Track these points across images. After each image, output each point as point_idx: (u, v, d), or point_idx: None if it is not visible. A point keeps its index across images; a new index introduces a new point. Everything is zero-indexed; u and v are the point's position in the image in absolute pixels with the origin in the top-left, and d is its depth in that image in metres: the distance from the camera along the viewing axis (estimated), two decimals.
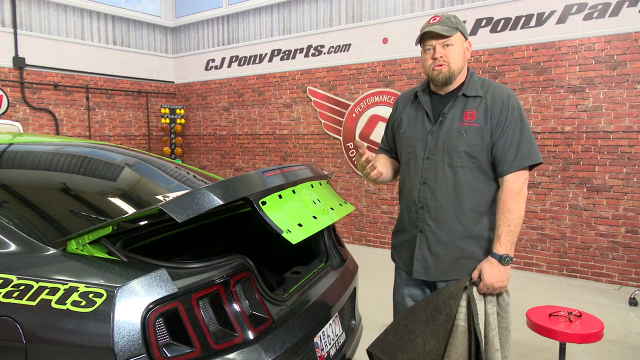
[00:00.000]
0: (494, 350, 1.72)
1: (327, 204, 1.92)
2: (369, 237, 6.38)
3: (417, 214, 1.91)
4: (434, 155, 1.87)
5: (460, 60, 1.85)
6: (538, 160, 1.80)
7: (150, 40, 8.12)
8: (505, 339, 1.79)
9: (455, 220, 1.84)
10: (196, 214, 1.36)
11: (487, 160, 1.83)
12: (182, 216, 1.33)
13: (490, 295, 1.78)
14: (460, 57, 1.84)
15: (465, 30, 1.88)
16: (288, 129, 7.08)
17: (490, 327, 1.74)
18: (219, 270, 1.50)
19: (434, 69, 1.84)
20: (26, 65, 6.43)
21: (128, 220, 1.66)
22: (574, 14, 4.78)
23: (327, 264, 2.21)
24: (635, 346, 3.37)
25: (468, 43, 1.89)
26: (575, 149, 4.84)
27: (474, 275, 1.80)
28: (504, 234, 1.75)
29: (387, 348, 1.90)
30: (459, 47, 1.84)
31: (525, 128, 1.80)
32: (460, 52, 1.84)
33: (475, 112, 1.82)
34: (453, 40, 1.81)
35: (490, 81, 1.91)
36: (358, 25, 6.28)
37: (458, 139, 1.82)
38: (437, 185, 1.86)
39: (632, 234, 4.59)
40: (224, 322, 1.45)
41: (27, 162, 2.24)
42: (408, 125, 1.98)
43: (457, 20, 1.85)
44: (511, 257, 1.76)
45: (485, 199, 1.85)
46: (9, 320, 1.33)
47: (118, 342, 1.23)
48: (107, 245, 1.49)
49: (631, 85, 4.53)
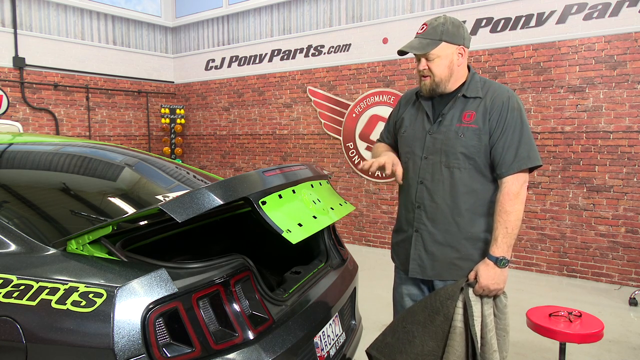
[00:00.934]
0: (492, 351, 1.72)
1: (327, 203, 1.92)
2: (369, 237, 6.38)
3: (413, 213, 1.92)
4: (432, 156, 1.87)
5: (446, 71, 1.82)
6: (537, 162, 1.79)
7: (150, 40, 8.12)
8: (503, 340, 1.79)
9: (452, 221, 1.84)
10: (196, 213, 1.36)
11: (484, 162, 1.82)
12: (182, 216, 1.33)
13: (487, 297, 1.78)
14: (445, 68, 1.82)
15: (455, 35, 1.81)
16: (288, 129, 7.08)
17: (487, 328, 1.74)
18: (219, 270, 1.50)
19: (421, 79, 1.87)
20: (26, 65, 6.43)
21: (128, 220, 1.66)
22: (574, 14, 4.78)
23: (327, 264, 2.21)
24: (635, 346, 3.37)
25: (461, 48, 1.83)
26: (575, 149, 4.84)
27: (470, 276, 1.80)
28: (501, 236, 1.74)
29: (385, 349, 1.90)
30: (445, 57, 1.80)
31: (525, 130, 1.79)
32: (446, 62, 1.81)
33: (474, 113, 1.81)
34: (434, 54, 1.79)
35: (491, 82, 1.90)
36: (358, 25, 6.28)
37: (455, 139, 1.81)
38: (434, 185, 1.86)
39: (632, 234, 4.59)
40: (224, 322, 1.45)
41: (27, 162, 2.24)
42: (409, 124, 1.98)
43: (445, 29, 1.79)
44: (508, 259, 1.75)
45: (482, 200, 1.84)
46: (9, 320, 1.33)
47: (118, 342, 1.23)
48: (107, 245, 1.49)
49: (631, 85, 4.53)
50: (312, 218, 1.71)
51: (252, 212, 1.56)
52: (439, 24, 1.80)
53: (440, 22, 1.80)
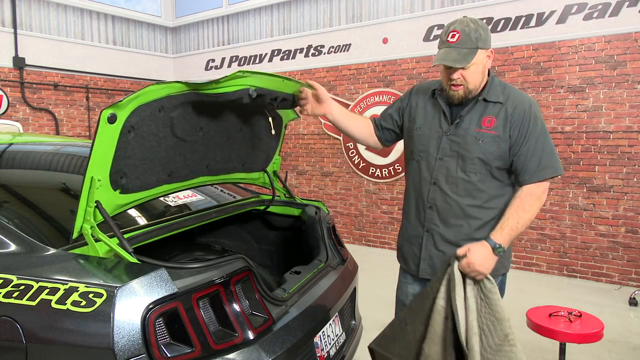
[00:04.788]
0: (472, 334, 1.65)
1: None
2: (369, 237, 6.37)
3: (425, 213, 1.89)
4: (448, 158, 1.84)
5: (479, 78, 1.76)
6: (560, 172, 1.78)
7: (150, 40, 8.12)
8: (493, 326, 1.70)
9: (464, 223, 1.83)
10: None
11: (501, 168, 1.80)
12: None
13: (470, 277, 1.70)
14: (479, 75, 1.76)
15: (487, 40, 1.74)
16: (288, 129, 7.08)
17: (469, 309, 1.67)
18: (219, 270, 1.50)
19: (450, 88, 1.78)
20: (26, 65, 6.43)
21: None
22: (574, 14, 4.78)
23: (327, 264, 2.21)
24: (635, 346, 3.37)
25: (490, 51, 1.78)
26: (575, 149, 4.84)
27: (460, 251, 1.72)
28: (509, 227, 1.71)
29: (382, 341, 1.90)
30: (479, 64, 1.73)
31: (547, 139, 1.78)
32: (480, 69, 1.74)
33: (494, 119, 1.78)
34: (472, 62, 1.71)
35: (511, 87, 1.85)
36: (358, 25, 6.28)
37: (474, 144, 1.78)
38: (448, 187, 1.84)
39: (632, 234, 4.59)
40: (224, 322, 1.45)
41: (27, 162, 2.24)
42: (423, 122, 1.93)
43: (478, 35, 1.70)
44: (504, 249, 1.71)
45: (494, 205, 1.83)
46: (9, 320, 1.33)
47: (118, 342, 1.23)
48: (115, 232, 1.49)
49: (631, 85, 4.53)
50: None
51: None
52: (471, 30, 1.70)
53: (472, 28, 1.70)
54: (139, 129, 1.59)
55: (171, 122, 1.71)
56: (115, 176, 1.57)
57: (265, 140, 2.37)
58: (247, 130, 2.18)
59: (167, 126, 1.71)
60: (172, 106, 1.68)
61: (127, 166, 1.60)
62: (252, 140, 2.27)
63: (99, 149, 1.47)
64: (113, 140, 1.51)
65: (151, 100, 1.58)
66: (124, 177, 1.60)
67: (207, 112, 1.87)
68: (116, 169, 1.56)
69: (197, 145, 1.91)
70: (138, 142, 1.60)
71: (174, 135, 1.76)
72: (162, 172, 1.78)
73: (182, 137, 1.80)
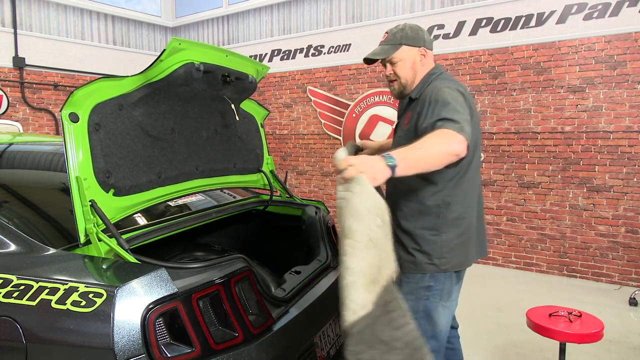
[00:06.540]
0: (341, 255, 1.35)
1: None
2: None
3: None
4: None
5: (410, 72, 1.90)
6: (453, 116, 1.58)
7: (150, 40, 8.12)
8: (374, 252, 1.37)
9: (395, 218, 1.83)
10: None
11: None
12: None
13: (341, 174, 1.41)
14: (409, 69, 1.90)
15: (415, 38, 1.88)
16: (288, 129, 7.08)
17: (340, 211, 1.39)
18: (219, 270, 1.50)
19: (389, 84, 1.99)
20: (26, 65, 6.43)
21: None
22: (574, 14, 4.78)
23: (327, 264, 2.21)
24: (635, 346, 3.37)
25: (423, 50, 1.90)
26: (575, 149, 4.84)
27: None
28: (410, 147, 1.50)
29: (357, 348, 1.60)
30: (407, 60, 1.89)
31: (443, 102, 1.64)
32: (409, 64, 1.89)
33: (410, 114, 1.88)
34: (397, 57, 1.88)
35: (436, 83, 1.82)
36: (358, 25, 6.28)
37: (399, 142, 1.85)
38: (394, 182, 1.84)
39: (632, 234, 4.59)
40: (224, 322, 1.45)
41: (27, 162, 2.25)
42: (399, 119, 2.08)
43: (404, 34, 1.88)
44: (395, 163, 1.41)
45: (417, 198, 1.83)
46: (9, 320, 1.33)
47: (118, 342, 1.23)
48: (116, 235, 1.50)
49: (631, 85, 4.53)
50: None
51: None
52: (397, 30, 1.91)
53: (399, 28, 1.91)
54: (107, 127, 1.63)
55: (138, 120, 1.75)
56: (101, 176, 1.59)
57: (246, 138, 2.39)
58: (221, 128, 2.21)
59: (136, 124, 1.74)
60: (131, 103, 1.73)
61: (109, 164, 1.62)
62: (232, 139, 2.29)
63: (71, 149, 1.51)
64: (84, 139, 1.55)
65: (107, 99, 1.63)
66: (111, 176, 1.63)
67: (171, 108, 1.90)
68: (98, 167, 1.58)
69: (176, 145, 1.94)
70: (111, 139, 1.64)
71: (147, 134, 1.79)
72: (150, 172, 1.79)
73: (156, 136, 1.83)
